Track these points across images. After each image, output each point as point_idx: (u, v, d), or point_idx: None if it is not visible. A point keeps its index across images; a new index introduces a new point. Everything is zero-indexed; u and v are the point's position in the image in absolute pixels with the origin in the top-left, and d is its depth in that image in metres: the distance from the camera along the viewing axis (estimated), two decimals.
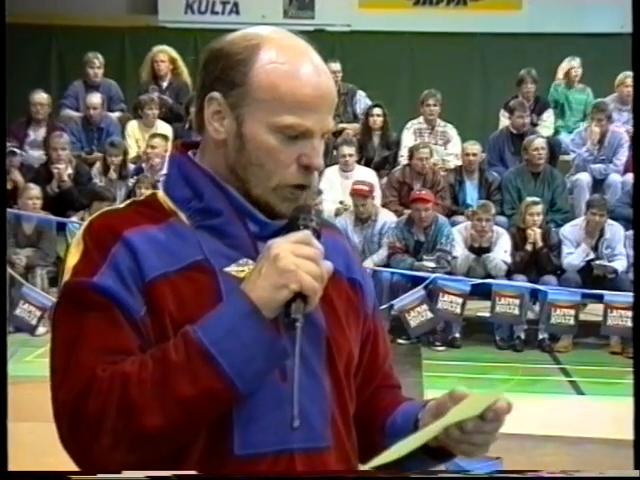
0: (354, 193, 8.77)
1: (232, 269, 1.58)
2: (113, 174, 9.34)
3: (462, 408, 1.54)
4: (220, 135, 1.60)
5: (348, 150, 9.47)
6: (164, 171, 6.77)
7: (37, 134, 9.95)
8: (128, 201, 1.71)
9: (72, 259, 1.57)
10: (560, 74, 10.93)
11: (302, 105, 1.55)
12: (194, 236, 1.59)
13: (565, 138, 10.54)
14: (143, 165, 9.44)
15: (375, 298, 1.84)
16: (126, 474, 1.46)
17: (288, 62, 1.57)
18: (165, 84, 10.52)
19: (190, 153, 1.68)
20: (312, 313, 1.53)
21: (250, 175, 1.59)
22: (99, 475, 1.46)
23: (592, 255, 8.48)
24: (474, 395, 1.57)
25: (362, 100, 10.72)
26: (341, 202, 9.25)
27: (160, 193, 1.67)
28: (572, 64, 10.78)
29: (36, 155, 9.80)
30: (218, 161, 1.63)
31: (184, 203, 1.62)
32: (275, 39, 1.60)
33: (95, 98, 10.11)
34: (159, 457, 1.49)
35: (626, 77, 10.34)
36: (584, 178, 9.66)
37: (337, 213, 9.19)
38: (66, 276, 1.56)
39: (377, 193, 9.19)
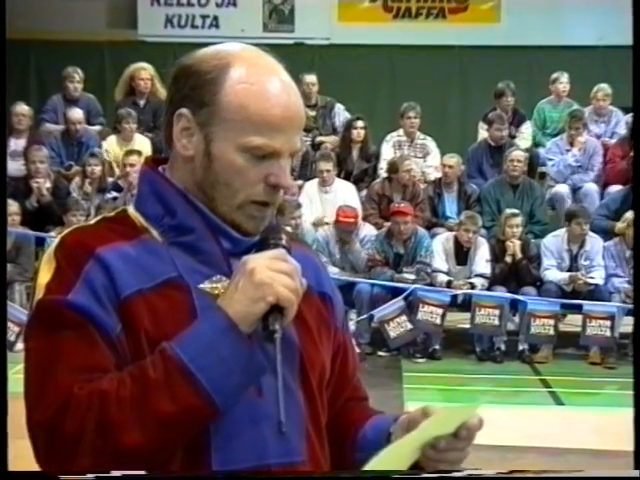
0: (340, 225, 8.70)
1: (206, 286, 1.59)
2: (88, 187, 9.35)
3: (435, 423, 1.55)
4: (188, 151, 1.61)
5: (325, 166, 9.47)
6: None
7: (18, 144, 9.94)
8: (98, 217, 1.70)
9: (44, 277, 1.55)
10: (550, 89, 10.88)
11: (271, 126, 1.56)
12: (167, 253, 1.59)
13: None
14: (119, 182, 9.44)
15: (344, 312, 1.86)
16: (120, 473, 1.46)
17: (257, 82, 1.57)
18: (143, 102, 10.51)
19: (160, 168, 1.68)
20: (285, 328, 1.54)
21: (216, 193, 1.60)
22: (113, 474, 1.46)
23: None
24: (446, 410, 1.58)
25: (341, 113, 10.73)
26: (323, 218, 9.26)
27: (131, 209, 1.67)
28: (560, 78, 10.76)
29: (15, 166, 9.78)
30: (186, 177, 1.63)
31: (156, 220, 1.62)
32: (245, 58, 1.60)
33: (77, 113, 10.11)
34: None
35: (602, 89, 10.40)
36: (563, 190, 9.74)
37: (317, 223, 9.20)
38: (39, 294, 1.55)
39: (359, 212, 9.15)
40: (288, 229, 7.85)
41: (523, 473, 1.60)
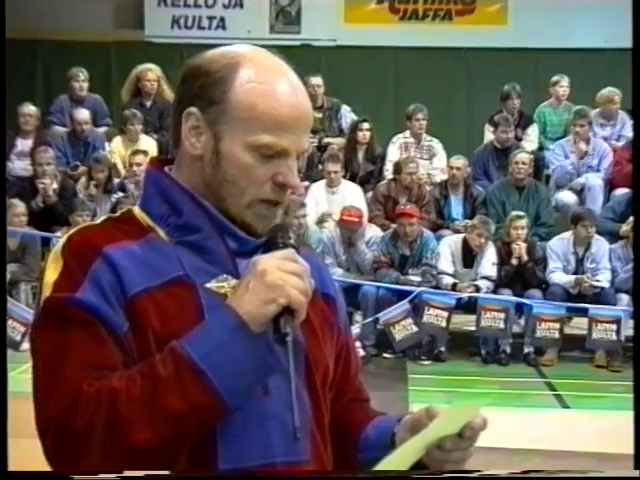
0: (344, 224, 8.70)
1: (212, 285, 1.59)
2: (93, 190, 9.37)
3: (440, 424, 1.55)
4: (196, 150, 1.62)
5: (334, 167, 9.47)
6: None
7: (24, 144, 9.96)
8: (104, 217, 1.71)
9: (52, 275, 1.56)
10: (550, 91, 10.89)
11: (279, 125, 1.58)
12: (173, 252, 1.60)
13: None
14: (125, 182, 9.45)
15: (346, 313, 1.87)
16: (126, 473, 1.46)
17: (267, 82, 1.59)
18: (149, 103, 10.52)
19: (166, 169, 1.69)
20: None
21: (224, 192, 1.61)
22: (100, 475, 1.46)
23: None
24: (450, 410, 1.59)
25: (347, 114, 10.72)
26: (330, 214, 9.26)
27: (136, 209, 1.68)
28: (560, 82, 10.77)
29: (22, 166, 9.81)
30: (194, 176, 1.64)
31: (162, 219, 1.63)
32: (254, 58, 1.62)
33: (83, 114, 10.12)
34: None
35: (609, 92, 10.39)
36: (568, 199, 9.72)
37: (321, 220, 9.20)
38: (46, 292, 1.55)
39: (364, 213, 9.15)
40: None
41: (538, 473, 1.60)
